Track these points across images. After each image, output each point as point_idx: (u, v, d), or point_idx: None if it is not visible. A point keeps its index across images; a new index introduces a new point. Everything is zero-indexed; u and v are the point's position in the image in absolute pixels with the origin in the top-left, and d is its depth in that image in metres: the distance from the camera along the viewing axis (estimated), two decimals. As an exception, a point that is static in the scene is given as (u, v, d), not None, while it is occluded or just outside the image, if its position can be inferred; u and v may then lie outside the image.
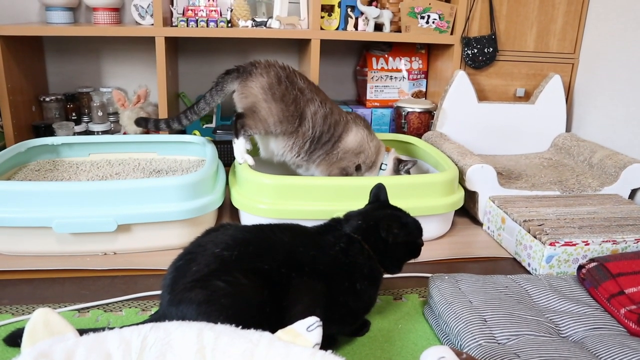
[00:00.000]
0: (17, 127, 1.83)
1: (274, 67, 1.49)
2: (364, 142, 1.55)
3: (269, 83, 1.46)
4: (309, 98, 1.49)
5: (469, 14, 1.94)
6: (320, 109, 1.50)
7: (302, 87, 1.50)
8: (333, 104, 1.56)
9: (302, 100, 1.48)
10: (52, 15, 1.90)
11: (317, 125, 1.49)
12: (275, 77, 1.47)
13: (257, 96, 1.46)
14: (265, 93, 1.46)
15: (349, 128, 1.54)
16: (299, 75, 1.53)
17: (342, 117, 1.55)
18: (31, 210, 1.26)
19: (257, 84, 1.47)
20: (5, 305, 1.12)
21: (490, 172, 1.56)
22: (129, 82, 2.19)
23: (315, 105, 1.49)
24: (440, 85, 2.08)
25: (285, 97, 1.46)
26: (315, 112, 1.49)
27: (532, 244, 1.33)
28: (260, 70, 1.47)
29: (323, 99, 1.53)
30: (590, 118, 1.99)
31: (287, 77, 1.48)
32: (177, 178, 1.35)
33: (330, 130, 1.51)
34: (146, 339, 0.77)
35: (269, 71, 1.47)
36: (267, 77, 1.46)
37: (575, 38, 2.02)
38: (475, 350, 0.92)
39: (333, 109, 1.54)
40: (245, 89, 1.48)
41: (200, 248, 0.92)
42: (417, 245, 1.06)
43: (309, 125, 1.49)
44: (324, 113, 1.50)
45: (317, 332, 0.79)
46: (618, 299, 1.05)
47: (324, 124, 1.50)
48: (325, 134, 1.51)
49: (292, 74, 1.50)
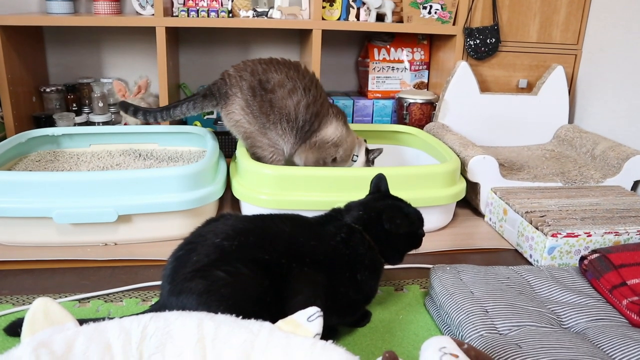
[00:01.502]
0: (17, 118, 1.83)
1: (245, 76, 1.44)
2: (342, 136, 1.55)
3: (245, 100, 1.44)
4: (290, 88, 1.44)
5: (471, 5, 1.92)
6: (303, 98, 1.46)
7: (280, 81, 1.44)
8: (318, 90, 1.51)
9: (282, 97, 1.44)
10: (52, 5, 1.89)
11: (300, 114, 1.46)
12: (248, 90, 1.43)
13: (244, 124, 1.46)
14: (246, 114, 1.44)
15: (329, 121, 1.52)
16: (276, 65, 1.47)
17: (324, 107, 1.51)
18: (32, 200, 1.26)
19: (237, 106, 1.45)
20: (6, 296, 1.12)
21: (492, 164, 1.55)
22: (130, 73, 2.18)
23: (299, 95, 1.45)
24: (442, 77, 2.07)
25: (263, 108, 1.43)
26: (299, 101, 1.45)
27: (534, 235, 1.33)
28: (234, 90, 1.44)
29: (307, 85, 1.47)
30: (593, 109, 1.98)
31: (260, 83, 1.44)
32: (178, 169, 1.34)
33: (312, 119, 1.48)
34: (146, 329, 0.77)
35: (241, 85, 1.44)
36: (242, 93, 1.44)
37: (579, 29, 2.00)
38: (476, 341, 0.92)
39: (316, 96, 1.49)
40: (229, 117, 1.47)
41: (201, 238, 0.92)
42: (419, 236, 1.06)
43: (293, 116, 1.46)
44: (307, 102, 1.46)
45: (317, 322, 0.79)
46: (620, 290, 1.05)
47: (306, 112, 1.47)
48: (307, 123, 1.48)
49: (266, 71, 1.45)
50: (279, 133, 1.47)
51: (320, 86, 1.53)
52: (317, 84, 1.52)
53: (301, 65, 1.51)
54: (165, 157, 1.69)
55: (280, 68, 1.47)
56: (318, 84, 1.52)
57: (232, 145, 1.86)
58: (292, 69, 1.48)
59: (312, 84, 1.49)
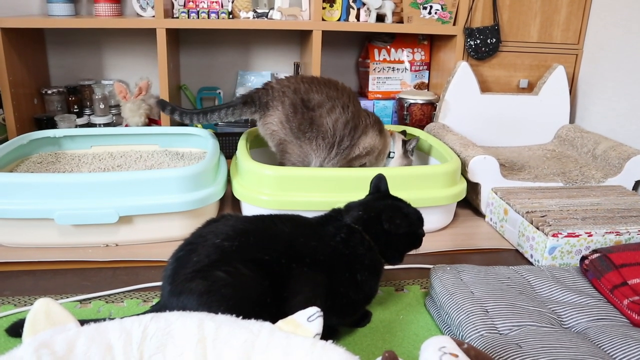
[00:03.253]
0: (19, 120, 1.83)
1: (287, 93, 1.46)
2: (374, 145, 1.57)
3: (285, 115, 1.46)
4: (329, 108, 1.47)
5: (471, 5, 1.92)
6: (342, 115, 1.48)
7: (320, 101, 1.47)
8: (355, 104, 1.53)
9: (321, 116, 1.47)
10: (53, 7, 1.89)
11: (337, 131, 1.49)
12: (290, 107, 1.46)
13: (280, 134, 1.48)
14: (284, 127, 1.47)
15: (366, 132, 1.54)
16: (317, 85, 1.49)
17: (362, 120, 1.53)
18: (33, 202, 1.26)
19: (276, 119, 1.47)
20: (8, 297, 1.12)
21: (492, 164, 1.55)
22: (131, 75, 2.19)
23: (337, 113, 1.48)
24: (443, 77, 2.07)
25: (302, 126, 1.46)
26: (337, 119, 1.48)
27: (534, 235, 1.33)
28: (276, 103, 1.47)
29: (345, 103, 1.49)
30: (594, 109, 1.97)
31: (302, 102, 1.46)
32: (178, 170, 1.35)
33: (351, 134, 1.51)
34: (147, 329, 0.77)
35: (284, 101, 1.46)
36: (283, 107, 1.46)
37: (580, 29, 2.00)
38: (476, 341, 0.92)
39: (354, 112, 1.51)
40: (266, 126, 1.50)
41: (201, 239, 0.92)
42: (419, 236, 1.06)
43: (330, 133, 1.48)
44: (345, 119, 1.49)
45: (317, 322, 0.79)
46: (621, 290, 1.05)
47: (344, 129, 1.49)
48: (346, 138, 1.51)
49: (308, 91, 1.47)
50: (312, 148, 1.49)
51: (358, 101, 1.56)
52: (354, 99, 1.54)
53: (339, 83, 1.54)
54: (166, 158, 1.69)
55: (321, 88, 1.49)
56: (355, 99, 1.55)
57: (232, 146, 1.86)
58: (332, 88, 1.51)
59: (350, 100, 1.52)
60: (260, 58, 2.26)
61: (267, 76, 2.24)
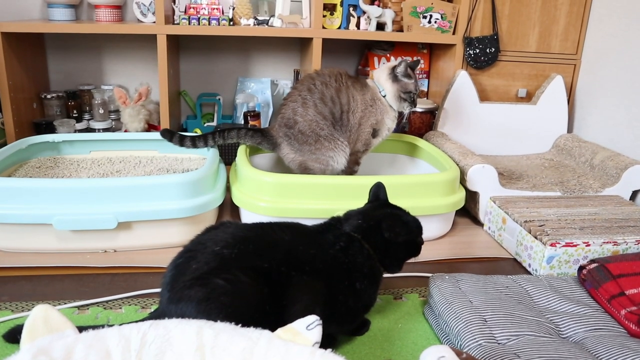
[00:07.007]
0: (18, 124, 1.83)
1: (280, 126, 1.54)
2: (366, 101, 1.55)
3: (289, 144, 1.54)
4: (302, 104, 1.51)
5: (471, 14, 1.93)
6: (318, 105, 1.51)
7: (294, 108, 1.52)
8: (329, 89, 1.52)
9: (303, 120, 1.51)
10: (53, 12, 1.90)
11: (322, 120, 1.51)
12: (285, 137, 1.54)
13: (296, 158, 1.54)
14: (295, 151, 1.54)
15: (355, 97, 1.54)
16: (292, 97, 1.53)
17: (348, 95, 1.53)
18: (32, 207, 1.26)
19: (286, 150, 1.55)
20: (5, 302, 1.11)
21: (491, 173, 1.56)
22: (131, 80, 2.19)
23: (312, 108, 1.51)
24: (442, 85, 2.08)
25: (300, 139, 1.52)
26: (316, 112, 1.51)
27: (532, 245, 1.33)
28: (279, 141, 1.55)
29: (322, 96, 1.51)
30: (592, 119, 1.98)
31: (287, 125, 1.52)
32: (178, 176, 1.35)
33: (341, 112, 1.53)
34: (145, 336, 0.77)
35: (280, 134, 1.55)
36: (281, 139, 1.54)
37: (578, 39, 2.02)
38: (475, 350, 0.92)
39: (333, 96, 1.52)
40: (285, 157, 1.57)
41: (200, 246, 0.92)
42: (417, 244, 1.06)
43: (322, 123, 1.51)
44: (324, 107, 1.51)
45: (316, 330, 0.79)
46: (618, 300, 1.05)
47: (333, 107, 1.51)
48: (344, 114, 1.53)
49: (286, 108, 1.53)
50: (322, 151, 1.51)
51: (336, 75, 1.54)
52: (329, 82, 1.53)
53: (314, 79, 1.54)
54: (165, 164, 1.69)
55: (294, 97, 1.53)
56: (330, 80, 1.53)
57: (232, 152, 1.87)
58: (305, 89, 1.52)
59: (307, 88, 1.52)
60: (260, 65, 2.27)
61: (267, 83, 2.24)
